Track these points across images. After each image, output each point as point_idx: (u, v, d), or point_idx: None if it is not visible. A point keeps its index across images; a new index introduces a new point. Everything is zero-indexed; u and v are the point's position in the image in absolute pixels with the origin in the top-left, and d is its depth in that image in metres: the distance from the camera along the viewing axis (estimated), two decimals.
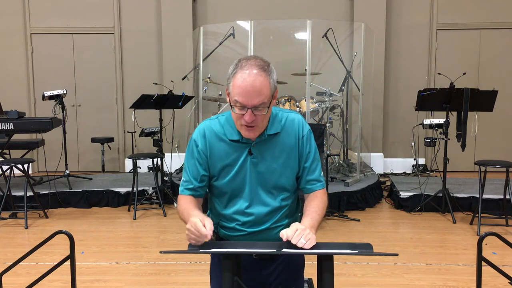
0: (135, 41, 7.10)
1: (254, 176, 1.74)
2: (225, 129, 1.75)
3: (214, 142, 1.75)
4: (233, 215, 1.78)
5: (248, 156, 1.73)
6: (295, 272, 1.87)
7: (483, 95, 4.67)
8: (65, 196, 5.25)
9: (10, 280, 3.09)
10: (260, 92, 1.59)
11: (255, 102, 1.59)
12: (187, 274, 3.36)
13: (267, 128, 1.74)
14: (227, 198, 1.79)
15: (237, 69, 1.63)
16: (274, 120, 1.76)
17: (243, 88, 1.58)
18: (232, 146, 1.74)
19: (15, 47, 7.08)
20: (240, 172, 1.74)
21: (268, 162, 1.74)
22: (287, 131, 1.76)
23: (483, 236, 1.88)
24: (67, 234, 1.90)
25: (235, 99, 1.60)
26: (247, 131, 1.66)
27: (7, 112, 5.12)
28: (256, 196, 1.75)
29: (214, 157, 1.75)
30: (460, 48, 6.96)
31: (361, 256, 3.34)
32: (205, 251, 1.53)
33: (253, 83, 1.58)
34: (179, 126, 6.67)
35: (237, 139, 1.73)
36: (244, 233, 1.78)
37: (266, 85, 1.61)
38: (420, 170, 6.77)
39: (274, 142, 1.75)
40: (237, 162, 1.74)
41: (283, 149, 1.76)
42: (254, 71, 1.60)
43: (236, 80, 1.60)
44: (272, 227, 1.78)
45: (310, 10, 6.85)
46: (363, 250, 1.48)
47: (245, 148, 1.74)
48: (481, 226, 4.22)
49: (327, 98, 5.56)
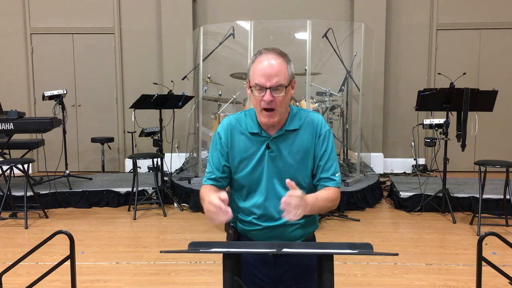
0: (135, 41, 7.10)
1: (271, 170, 1.78)
2: (247, 123, 1.82)
3: (235, 135, 1.82)
4: (250, 208, 1.81)
5: (266, 150, 1.78)
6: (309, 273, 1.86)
7: (483, 95, 4.66)
8: (65, 196, 5.25)
9: (10, 280, 3.09)
10: (278, 73, 1.68)
11: (273, 82, 1.67)
12: (187, 274, 3.36)
13: (286, 123, 1.79)
14: (246, 191, 1.83)
15: (256, 57, 1.74)
16: (294, 117, 1.81)
17: (262, 70, 1.68)
18: (251, 140, 1.80)
19: (15, 47, 7.08)
20: (258, 166, 1.79)
21: (285, 157, 1.78)
22: (306, 129, 1.81)
23: (483, 236, 1.88)
24: (67, 234, 1.90)
25: (255, 82, 1.70)
26: (266, 116, 1.72)
27: (7, 112, 5.12)
28: (272, 190, 1.79)
29: (234, 149, 1.81)
30: (460, 48, 6.96)
31: (361, 256, 3.36)
32: (205, 251, 1.52)
33: (271, 65, 1.68)
34: (179, 126, 6.67)
35: (257, 132, 1.79)
36: (260, 227, 1.81)
37: (284, 68, 1.71)
38: (420, 170, 6.77)
39: (292, 138, 1.79)
40: (255, 155, 1.79)
41: (300, 146, 1.79)
42: (273, 55, 1.71)
43: (255, 65, 1.72)
44: (288, 224, 1.78)
45: (310, 10, 6.85)
46: (363, 250, 1.47)
47: (264, 143, 1.79)
48: (481, 226, 4.23)
49: (327, 98, 5.56)
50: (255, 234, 1.83)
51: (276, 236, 1.80)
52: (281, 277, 1.84)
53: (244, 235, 1.88)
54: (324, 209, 1.78)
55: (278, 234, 1.80)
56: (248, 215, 1.83)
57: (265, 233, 1.81)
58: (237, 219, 1.87)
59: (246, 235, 1.87)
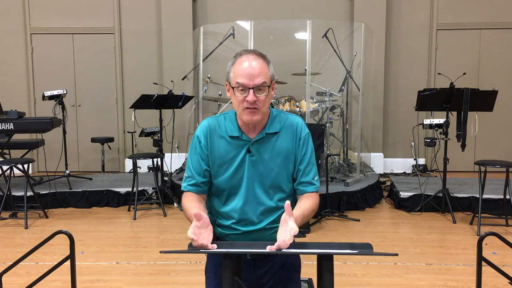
0: (135, 41, 7.10)
1: (252, 175, 1.76)
2: (226, 126, 1.79)
3: (214, 139, 1.79)
4: (229, 213, 1.79)
5: (247, 154, 1.76)
6: (290, 273, 1.87)
7: (483, 95, 4.66)
8: (65, 196, 5.25)
9: (10, 280, 3.09)
10: (260, 72, 1.67)
11: (256, 81, 1.66)
12: (187, 274, 3.36)
13: (266, 126, 1.77)
14: (225, 195, 1.80)
15: (235, 59, 1.72)
16: (274, 120, 1.80)
17: (244, 70, 1.67)
18: (231, 144, 1.77)
19: (15, 47, 7.08)
20: (239, 170, 1.76)
21: (266, 161, 1.76)
22: (286, 132, 1.79)
23: (483, 236, 1.88)
24: (67, 234, 1.90)
25: (236, 81, 1.67)
26: (249, 114, 1.69)
27: (7, 112, 5.11)
28: (252, 195, 1.77)
29: (213, 153, 1.78)
30: (460, 48, 6.96)
31: (361, 256, 3.35)
32: (205, 251, 1.53)
33: (253, 65, 1.67)
34: (179, 126, 6.67)
35: (237, 135, 1.77)
36: (239, 232, 1.79)
37: (265, 68, 1.70)
38: (420, 170, 6.77)
39: (273, 142, 1.78)
40: (236, 159, 1.76)
41: (281, 149, 1.78)
42: (253, 56, 1.70)
43: (236, 66, 1.70)
44: (267, 228, 1.78)
45: (310, 10, 6.85)
46: (363, 250, 1.48)
47: (244, 146, 1.76)
48: (481, 226, 4.22)
49: (327, 98, 5.56)
50: (234, 238, 1.81)
51: (256, 239, 1.77)
52: (260, 279, 1.82)
53: (222, 239, 1.85)
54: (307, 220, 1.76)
55: (257, 237, 1.78)
56: (227, 219, 1.80)
57: (243, 237, 1.79)
58: (215, 223, 1.84)
59: (224, 239, 1.84)
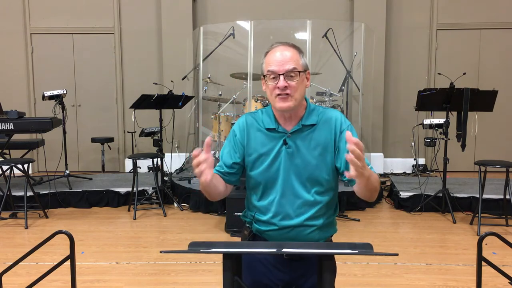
0: (135, 41, 7.10)
1: (288, 167, 1.74)
2: (263, 119, 1.80)
3: (251, 132, 1.80)
4: (267, 206, 1.77)
5: (283, 146, 1.75)
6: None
7: (483, 95, 4.66)
8: (65, 196, 5.25)
9: (10, 280, 3.09)
10: (291, 59, 1.69)
11: (286, 67, 1.67)
12: (187, 274, 3.36)
13: (303, 118, 1.76)
14: (262, 188, 1.78)
15: (268, 50, 1.76)
16: (312, 112, 1.78)
17: (274, 58, 1.70)
18: (268, 136, 1.77)
19: (15, 47, 7.08)
20: (275, 162, 1.75)
21: (303, 154, 1.74)
22: (323, 125, 1.76)
23: (483, 236, 1.88)
24: (67, 234, 1.90)
25: (268, 69, 1.70)
26: (281, 101, 1.69)
27: (7, 112, 5.11)
28: (289, 187, 1.74)
29: (250, 146, 1.79)
30: (460, 48, 6.96)
31: (361, 256, 3.35)
32: (205, 251, 1.52)
33: (283, 52, 1.70)
34: (179, 126, 6.67)
35: (273, 127, 1.76)
36: (276, 227, 1.75)
37: (296, 55, 1.72)
38: (420, 170, 6.77)
39: (310, 134, 1.75)
40: (272, 152, 1.75)
41: (318, 142, 1.75)
42: (285, 46, 1.74)
43: (268, 56, 1.73)
44: (305, 225, 1.74)
45: (310, 10, 6.85)
46: (363, 250, 1.47)
47: (281, 138, 1.75)
48: (481, 226, 4.22)
49: (327, 98, 5.56)
50: (271, 235, 1.78)
51: (293, 239, 1.74)
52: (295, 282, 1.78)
53: (259, 236, 1.82)
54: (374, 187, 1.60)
55: (294, 236, 1.74)
56: (265, 213, 1.78)
57: (281, 234, 1.75)
58: (254, 219, 1.82)
59: (261, 235, 1.82)
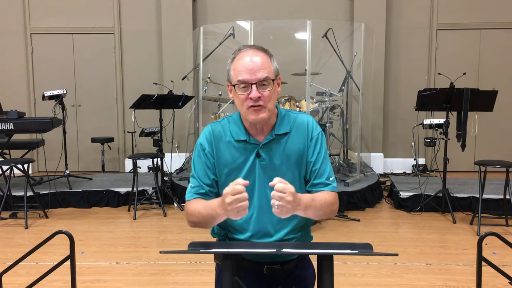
0: (135, 41, 7.10)
1: (264, 181, 1.61)
2: (231, 130, 1.65)
3: (220, 145, 1.65)
4: (243, 225, 1.64)
5: (256, 159, 1.62)
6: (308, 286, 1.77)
7: (483, 95, 4.66)
8: (65, 196, 5.25)
9: (10, 280, 3.09)
10: (263, 66, 1.55)
11: (259, 75, 1.53)
12: (187, 274, 3.36)
13: (275, 127, 1.64)
14: None
15: (236, 54, 1.60)
16: (283, 120, 1.66)
17: (244, 65, 1.54)
18: (238, 149, 1.63)
19: (15, 47, 7.08)
20: (249, 177, 1.60)
21: (277, 165, 1.62)
22: (296, 132, 1.65)
23: (483, 236, 1.87)
24: (67, 234, 1.90)
25: (238, 78, 1.54)
26: (254, 113, 1.55)
27: (7, 112, 5.11)
28: (266, 202, 1.58)
29: (220, 161, 1.64)
30: (460, 48, 6.96)
31: (361, 256, 3.35)
32: (205, 251, 1.52)
33: (254, 59, 1.55)
34: (179, 126, 6.67)
35: (244, 139, 1.63)
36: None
37: (267, 61, 1.57)
38: (420, 170, 6.77)
39: (283, 143, 1.64)
40: (245, 166, 1.63)
41: (292, 151, 1.64)
42: (253, 50, 1.58)
43: (236, 62, 1.57)
44: (285, 239, 1.65)
45: (310, 10, 6.85)
46: (363, 250, 1.47)
47: (253, 150, 1.62)
48: (481, 226, 4.22)
49: (327, 98, 5.56)
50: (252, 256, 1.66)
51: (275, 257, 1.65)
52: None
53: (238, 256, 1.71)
54: (321, 213, 1.59)
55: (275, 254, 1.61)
56: (242, 233, 1.65)
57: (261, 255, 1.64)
58: (227, 238, 1.69)
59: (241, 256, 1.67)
